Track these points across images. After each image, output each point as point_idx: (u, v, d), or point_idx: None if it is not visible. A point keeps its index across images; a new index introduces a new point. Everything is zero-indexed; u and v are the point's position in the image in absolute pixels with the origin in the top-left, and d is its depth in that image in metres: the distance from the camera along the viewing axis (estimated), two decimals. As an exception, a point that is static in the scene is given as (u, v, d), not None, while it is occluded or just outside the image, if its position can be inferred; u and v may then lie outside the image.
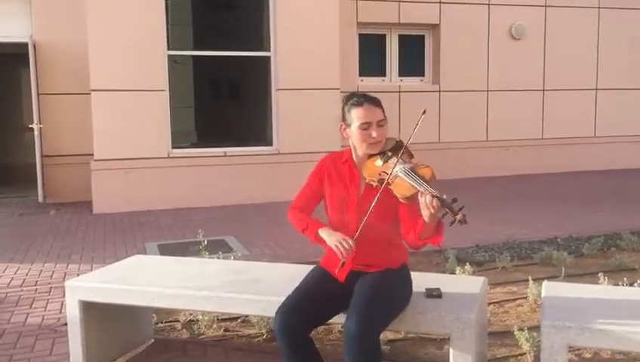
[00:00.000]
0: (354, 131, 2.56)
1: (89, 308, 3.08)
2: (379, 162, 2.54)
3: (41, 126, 8.51)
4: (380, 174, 2.49)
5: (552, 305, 2.57)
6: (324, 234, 2.55)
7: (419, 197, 2.29)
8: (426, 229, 2.36)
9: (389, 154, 2.53)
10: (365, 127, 2.53)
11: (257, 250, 5.70)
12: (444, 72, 10.38)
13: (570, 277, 4.53)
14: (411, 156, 2.54)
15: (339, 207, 2.63)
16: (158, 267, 3.38)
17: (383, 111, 2.58)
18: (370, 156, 2.58)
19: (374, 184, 2.50)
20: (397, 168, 2.42)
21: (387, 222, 2.54)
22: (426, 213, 2.28)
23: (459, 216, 2.19)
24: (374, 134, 2.52)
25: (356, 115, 2.54)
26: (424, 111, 2.44)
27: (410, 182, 2.35)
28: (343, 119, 2.62)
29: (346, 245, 2.42)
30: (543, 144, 10.94)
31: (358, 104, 2.55)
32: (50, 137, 8.64)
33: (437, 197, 2.24)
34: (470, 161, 10.32)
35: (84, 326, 3.07)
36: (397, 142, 2.61)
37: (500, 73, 10.62)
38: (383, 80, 10.42)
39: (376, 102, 2.58)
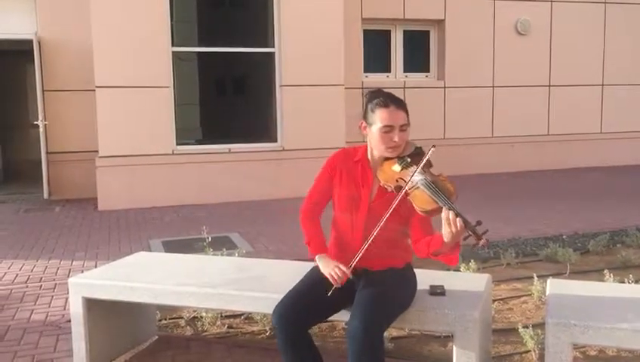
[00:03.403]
0: (374, 132, 2.46)
1: (93, 305, 3.08)
2: (396, 167, 2.44)
3: (46, 123, 8.53)
4: (397, 181, 2.40)
5: (556, 302, 2.56)
6: (321, 263, 2.54)
7: (442, 214, 2.22)
8: (442, 247, 2.30)
9: (408, 160, 2.44)
10: (387, 130, 2.43)
11: (261, 246, 5.69)
12: (450, 68, 10.32)
13: (576, 274, 4.50)
14: (430, 165, 2.43)
15: (346, 208, 2.56)
16: (162, 264, 3.38)
17: (407, 115, 2.49)
18: (387, 158, 2.49)
19: (389, 189, 2.42)
20: (417, 178, 2.33)
21: (396, 225, 2.48)
22: (446, 231, 2.21)
23: (482, 241, 2.14)
24: (396, 138, 2.44)
25: (380, 117, 2.44)
26: (433, 146, 2.36)
27: (431, 195, 2.27)
28: (364, 117, 2.52)
29: (339, 273, 2.41)
30: (549, 140, 10.88)
31: (384, 105, 2.44)
32: (55, 134, 8.65)
33: (461, 217, 2.18)
34: (475, 158, 10.27)
35: (88, 323, 3.07)
36: (416, 148, 2.51)
37: (506, 69, 10.56)
38: (388, 76, 10.37)
39: (401, 105, 2.48)
